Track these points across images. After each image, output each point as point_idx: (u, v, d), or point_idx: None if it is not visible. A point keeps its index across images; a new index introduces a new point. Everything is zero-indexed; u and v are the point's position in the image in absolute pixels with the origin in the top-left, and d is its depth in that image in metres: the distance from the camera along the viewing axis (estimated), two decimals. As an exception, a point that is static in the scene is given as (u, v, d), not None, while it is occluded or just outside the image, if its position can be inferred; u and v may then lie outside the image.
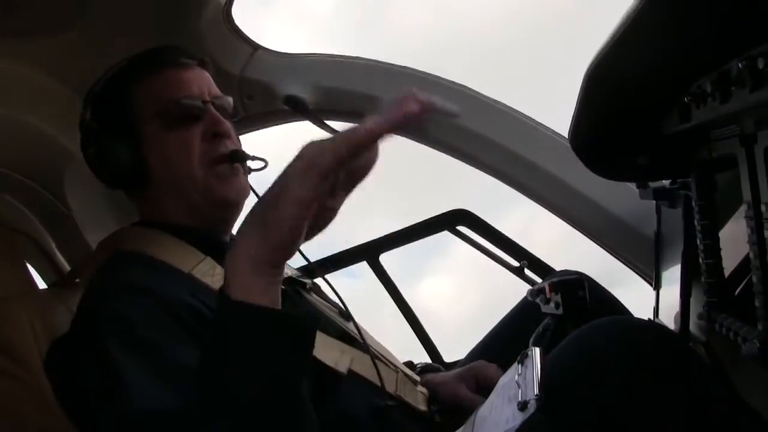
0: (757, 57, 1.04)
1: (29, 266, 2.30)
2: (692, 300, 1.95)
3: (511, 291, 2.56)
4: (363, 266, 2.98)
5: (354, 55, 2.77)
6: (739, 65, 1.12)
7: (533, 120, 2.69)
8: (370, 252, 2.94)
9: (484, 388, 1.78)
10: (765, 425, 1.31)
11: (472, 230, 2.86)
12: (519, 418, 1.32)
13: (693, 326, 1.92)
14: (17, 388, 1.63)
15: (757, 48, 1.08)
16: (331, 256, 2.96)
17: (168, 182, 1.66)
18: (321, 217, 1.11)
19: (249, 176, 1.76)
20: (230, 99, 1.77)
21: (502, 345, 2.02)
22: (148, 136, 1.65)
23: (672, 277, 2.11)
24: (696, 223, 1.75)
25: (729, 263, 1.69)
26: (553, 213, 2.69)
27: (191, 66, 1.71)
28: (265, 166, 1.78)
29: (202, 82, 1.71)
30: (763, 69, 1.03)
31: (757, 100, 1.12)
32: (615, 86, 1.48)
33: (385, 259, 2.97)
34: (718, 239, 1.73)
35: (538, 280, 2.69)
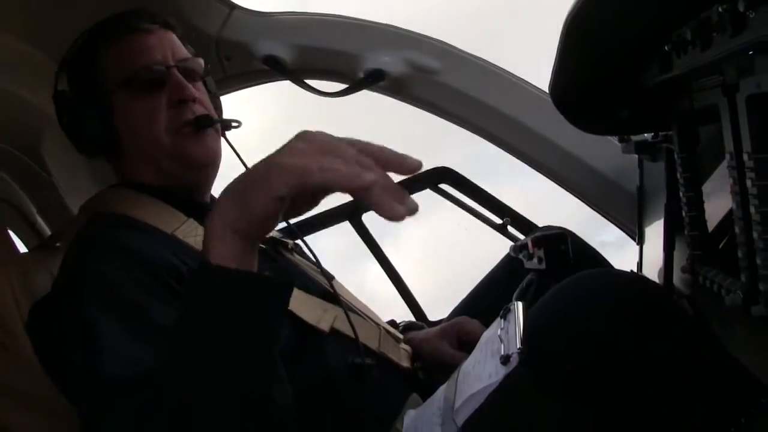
0: (737, 0, 1.02)
1: (11, 233, 2.29)
2: (676, 254, 1.95)
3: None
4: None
5: (333, 12, 2.72)
6: (720, 9, 1.10)
7: (514, 75, 2.66)
8: (352, 212, 2.92)
9: (467, 344, 1.79)
10: (748, 376, 1.32)
11: (455, 188, 2.84)
12: (501, 372, 1.33)
13: (677, 280, 1.92)
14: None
15: (738, -9, 1.06)
16: (314, 216, 2.92)
17: (138, 149, 1.66)
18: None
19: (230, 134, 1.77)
20: (199, 60, 1.75)
21: (486, 302, 2.02)
22: (116, 104, 1.65)
23: (655, 231, 2.12)
24: (678, 175, 1.74)
25: (714, 217, 1.69)
26: (535, 169, 2.69)
27: (153, 30, 1.69)
28: (238, 125, 1.77)
29: (165, 46, 1.68)
30: (743, 12, 1.01)
31: (738, 45, 1.11)
32: (594, 36, 1.46)
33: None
34: (701, 192, 1.72)
35: (522, 237, 2.69)
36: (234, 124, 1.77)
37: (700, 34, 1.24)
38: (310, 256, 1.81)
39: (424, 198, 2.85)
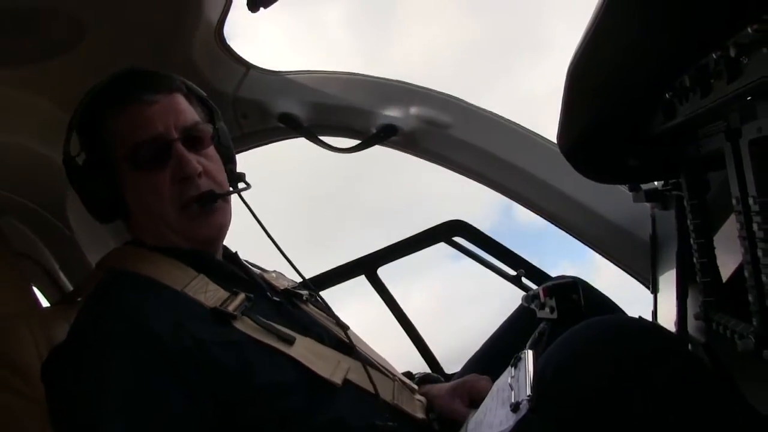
0: (729, 47, 1.04)
1: (34, 288, 2.32)
2: (690, 301, 1.94)
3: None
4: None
5: (345, 70, 2.78)
6: (714, 57, 1.12)
7: (524, 127, 2.69)
8: (367, 266, 2.93)
9: (477, 401, 1.77)
10: (762, 420, 1.31)
11: (469, 240, 2.85)
12: (512, 419, 1.32)
13: (691, 328, 1.91)
14: (20, 401, 1.65)
15: (730, 39, 1.08)
16: (330, 270, 2.95)
17: (146, 218, 1.67)
18: None
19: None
20: (207, 126, 1.73)
21: (499, 352, 2.00)
22: (122, 174, 1.65)
23: (669, 279, 2.11)
24: (689, 222, 1.75)
25: (731, 264, 1.69)
26: (547, 220, 2.69)
27: (157, 101, 1.64)
28: (247, 188, 1.78)
29: (169, 115, 1.64)
30: (736, 57, 1.03)
31: (734, 90, 1.13)
32: (596, 85, 1.48)
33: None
34: (711, 238, 1.73)
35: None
36: (241, 185, 1.78)
37: (698, 81, 1.26)
38: (333, 307, 1.82)
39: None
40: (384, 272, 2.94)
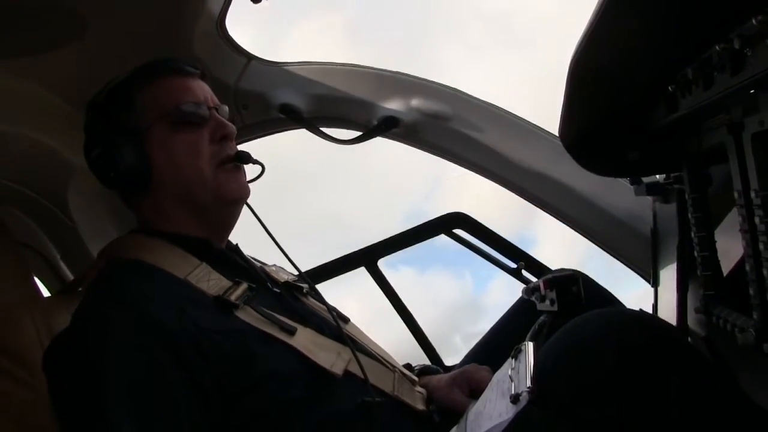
0: (733, 39, 1.04)
1: (35, 278, 2.33)
2: (690, 295, 1.95)
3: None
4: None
5: (346, 61, 2.78)
6: (718, 49, 1.12)
7: (528, 122, 2.69)
8: (368, 258, 2.94)
9: (476, 391, 1.78)
10: (761, 413, 1.31)
11: (469, 233, 2.85)
12: (512, 410, 1.33)
13: (692, 321, 1.91)
14: (22, 390, 1.66)
15: (734, 31, 1.08)
16: (330, 262, 2.96)
17: (174, 183, 1.68)
18: None
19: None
20: (226, 108, 1.81)
21: (500, 345, 2.00)
22: (154, 138, 1.67)
23: (670, 273, 2.11)
24: (690, 216, 1.75)
25: (732, 257, 1.69)
26: (547, 212, 2.69)
27: (194, 75, 1.77)
28: (262, 172, 1.82)
29: (206, 90, 1.76)
30: (740, 49, 1.03)
31: (738, 83, 1.13)
32: (598, 79, 1.48)
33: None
34: (712, 232, 1.73)
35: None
36: (258, 166, 1.82)
37: (701, 74, 1.26)
38: (331, 300, 1.83)
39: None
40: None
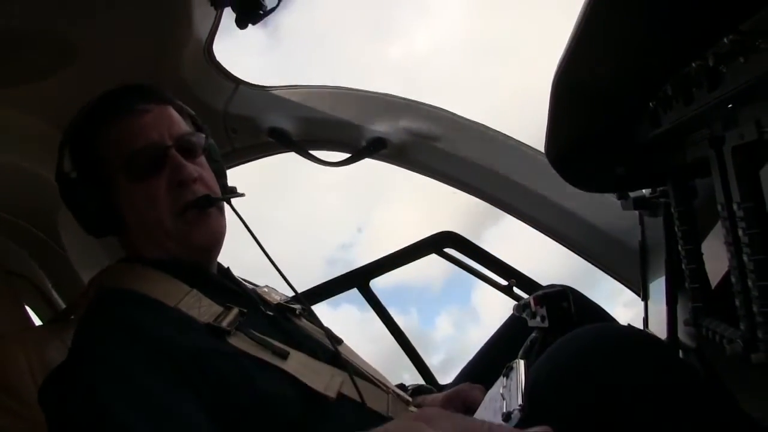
0: (708, 57, 1.06)
1: (26, 307, 2.32)
2: (680, 307, 1.96)
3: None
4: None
5: (333, 84, 2.80)
6: (694, 66, 1.14)
7: (514, 139, 2.71)
8: (360, 278, 2.95)
9: (470, 410, 1.78)
10: (753, 423, 1.32)
11: (460, 252, 2.87)
12: (504, 429, 1.33)
13: (682, 334, 1.92)
14: (12, 421, 1.65)
15: (709, 49, 1.10)
16: (323, 284, 2.96)
17: (142, 230, 1.67)
18: None
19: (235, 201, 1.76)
20: (200, 136, 1.75)
21: (491, 362, 2.02)
22: (117, 187, 1.65)
23: (659, 286, 2.12)
24: (677, 229, 1.76)
25: (719, 269, 1.70)
26: (537, 229, 2.71)
27: (149, 110, 1.66)
28: (241, 196, 1.78)
29: (162, 124, 1.66)
30: (714, 66, 1.05)
31: (715, 98, 1.15)
32: (581, 95, 1.50)
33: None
34: (699, 244, 1.74)
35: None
36: (238, 194, 1.78)
37: (681, 90, 1.28)
38: (325, 321, 1.82)
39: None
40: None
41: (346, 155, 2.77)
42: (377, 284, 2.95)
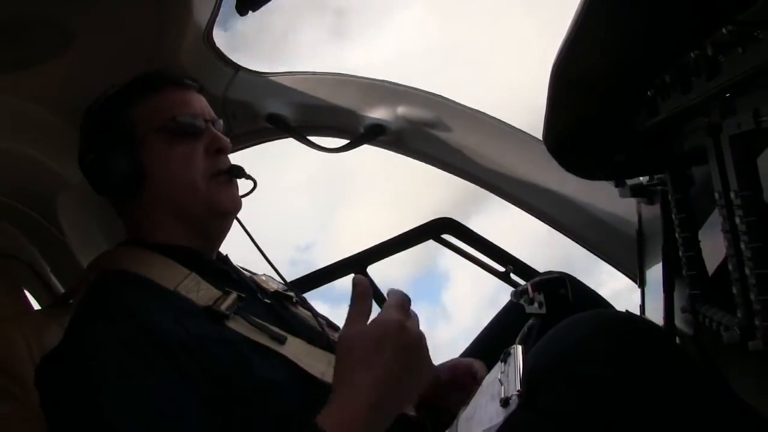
0: (706, 46, 1.07)
1: (26, 291, 2.33)
2: (677, 295, 1.97)
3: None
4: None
5: (331, 70, 2.80)
6: (693, 55, 1.15)
7: (512, 126, 2.72)
8: (357, 264, 2.95)
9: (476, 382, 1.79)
10: (750, 411, 1.33)
11: (457, 238, 2.88)
12: (502, 414, 1.34)
13: (679, 321, 1.93)
14: (14, 405, 1.66)
15: (708, 39, 1.11)
16: (319, 270, 2.97)
17: (166, 193, 1.69)
18: None
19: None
20: (221, 122, 1.82)
21: (489, 348, 2.02)
22: (149, 147, 1.68)
23: (657, 274, 2.13)
24: (674, 217, 1.77)
25: (717, 256, 1.71)
26: (534, 216, 2.71)
27: (192, 88, 1.79)
28: (254, 188, 1.83)
29: (203, 104, 1.78)
30: (713, 56, 1.06)
31: (713, 87, 1.15)
32: (580, 82, 1.50)
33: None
34: (696, 232, 1.75)
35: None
36: (253, 179, 1.83)
37: (679, 79, 1.29)
38: (320, 308, 1.84)
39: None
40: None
41: (344, 141, 2.77)
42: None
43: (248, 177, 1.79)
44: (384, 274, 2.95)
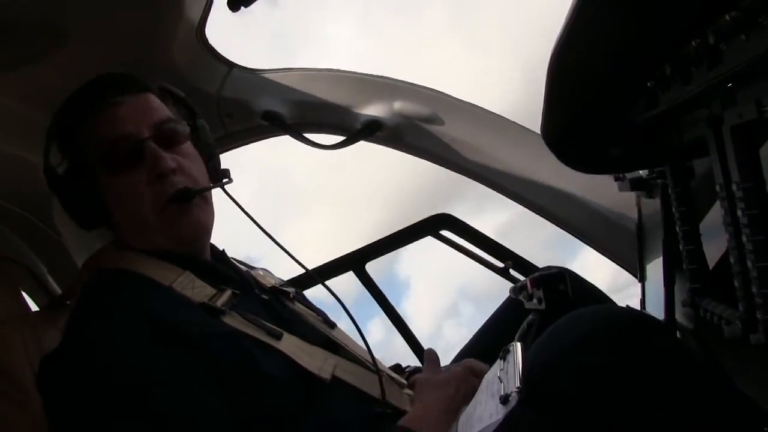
0: (708, 34, 1.05)
1: (23, 293, 2.31)
2: (677, 288, 1.96)
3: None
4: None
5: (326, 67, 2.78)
6: (694, 44, 1.13)
7: (510, 121, 2.70)
8: (355, 261, 2.94)
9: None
10: (752, 406, 1.31)
11: (456, 234, 2.86)
12: (502, 411, 1.33)
13: (679, 315, 1.92)
14: (12, 408, 1.65)
15: (709, 27, 1.09)
16: (318, 267, 2.95)
17: (128, 223, 1.66)
18: None
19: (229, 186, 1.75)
20: (181, 122, 1.73)
21: (489, 344, 2.01)
22: (101, 180, 1.64)
23: (657, 267, 2.12)
24: (674, 210, 1.76)
25: (718, 250, 1.70)
26: (533, 211, 2.69)
27: (124, 101, 1.64)
28: (229, 182, 1.76)
29: (138, 115, 1.64)
30: (715, 44, 1.04)
31: (714, 77, 1.13)
32: (578, 75, 1.48)
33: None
34: (697, 225, 1.74)
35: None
36: (224, 180, 1.76)
37: (679, 69, 1.27)
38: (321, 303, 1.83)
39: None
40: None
41: (341, 138, 2.75)
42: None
43: (200, 191, 1.67)
44: (345, 281, 2.95)
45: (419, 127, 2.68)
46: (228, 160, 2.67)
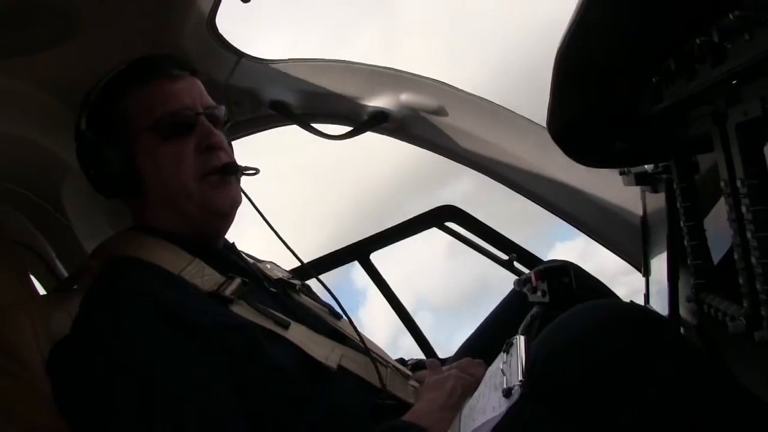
0: (712, 32, 1.05)
1: (31, 276, 2.33)
2: (681, 284, 1.96)
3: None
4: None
5: (335, 58, 2.79)
6: (698, 42, 1.13)
7: (516, 114, 2.70)
8: (360, 251, 2.95)
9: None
10: (756, 402, 1.32)
11: (461, 226, 2.87)
12: (504, 404, 1.33)
13: (683, 310, 1.93)
14: (19, 387, 1.66)
15: (714, 25, 1.09)
16: (323, 257, 2.96)
17: (162, 193, 1.68)
18: None
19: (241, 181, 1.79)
20: (223, 108, 1.78)
21: (492, 337, 2.01)
22: (142, 147, 1.66)
23: (661, 262, 2.12)
24: (679, 205, 1.76)
25: (723, 246, 1.70)
26: (538, 204, 2.69)
27: (183, 77, 1.72)
28: (257, 172, 1.81)
29: (194, 92, 1.71)
30: (719, 42, 1.04)
31: (719, 75, 1.14)
32: (584, 69, 1.48)
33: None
34: (701, 221, 1.74)
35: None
36: (251, 171, 1.81)
37: (684, 66, 1.27)
38: (326, 295, 1.84)
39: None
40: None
41: (348, 128, 2.76)
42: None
43: (245, 169, 1.76)
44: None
45: (426, 118, 2.68)
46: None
